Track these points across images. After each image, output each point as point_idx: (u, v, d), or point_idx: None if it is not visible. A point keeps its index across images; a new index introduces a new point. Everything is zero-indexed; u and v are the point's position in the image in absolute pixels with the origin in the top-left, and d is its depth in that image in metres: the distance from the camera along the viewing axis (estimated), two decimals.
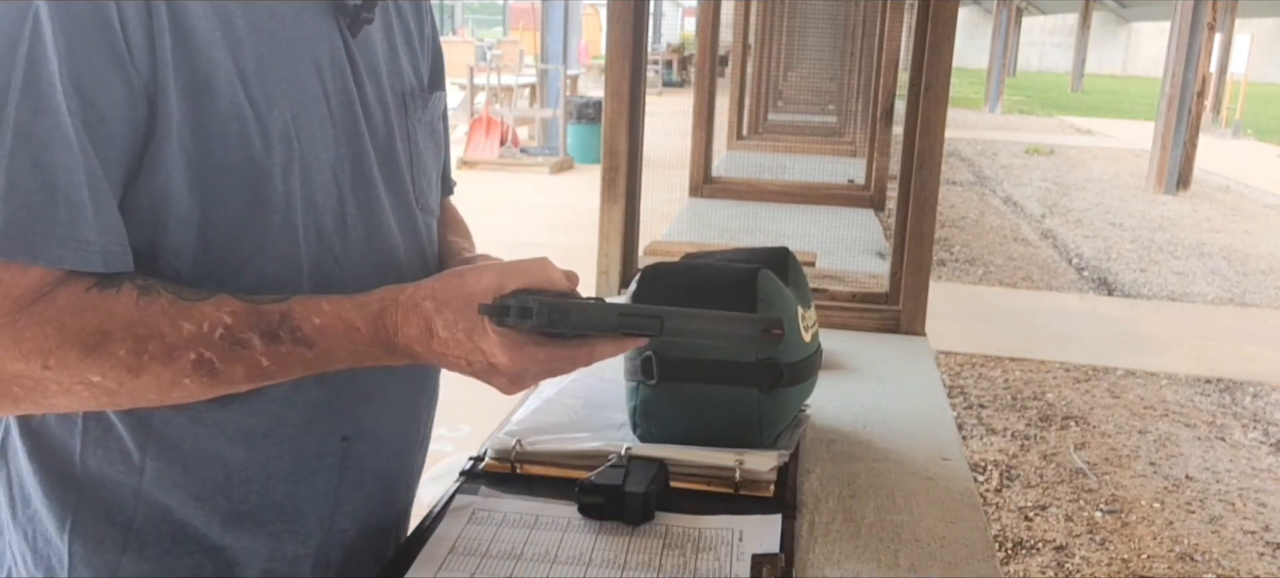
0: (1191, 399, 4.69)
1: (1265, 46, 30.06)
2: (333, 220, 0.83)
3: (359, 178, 0.85)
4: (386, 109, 0.88)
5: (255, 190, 0.77)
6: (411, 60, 0.95)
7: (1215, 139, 15.70)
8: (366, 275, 0.85)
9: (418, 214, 0.93)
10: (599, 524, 0.95)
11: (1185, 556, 3.26)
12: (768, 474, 1.03)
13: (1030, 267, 7.24)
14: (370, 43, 0.87)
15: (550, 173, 9.97)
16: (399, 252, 0.89)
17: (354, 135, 0.84)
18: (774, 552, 0.90)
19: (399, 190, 0.90)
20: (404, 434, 0.96)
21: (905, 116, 1.72)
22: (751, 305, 1.09)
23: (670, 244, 2.42)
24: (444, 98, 1.02)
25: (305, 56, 0.80)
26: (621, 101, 1.76)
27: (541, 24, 12.05)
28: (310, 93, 0.80)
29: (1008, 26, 22.73)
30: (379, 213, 0.87)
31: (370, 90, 0.86)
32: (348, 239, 0.84)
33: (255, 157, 0.76)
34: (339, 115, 0.83)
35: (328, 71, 0.82)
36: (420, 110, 0.94)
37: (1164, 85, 11.02)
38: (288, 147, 0.78)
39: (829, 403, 1.33)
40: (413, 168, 0.92)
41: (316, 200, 0.81)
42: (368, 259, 0.86)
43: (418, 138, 0.93)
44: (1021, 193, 10.59)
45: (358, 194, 0.85)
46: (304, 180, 0.80)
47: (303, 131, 0.79)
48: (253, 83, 0.76)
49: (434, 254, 0.99)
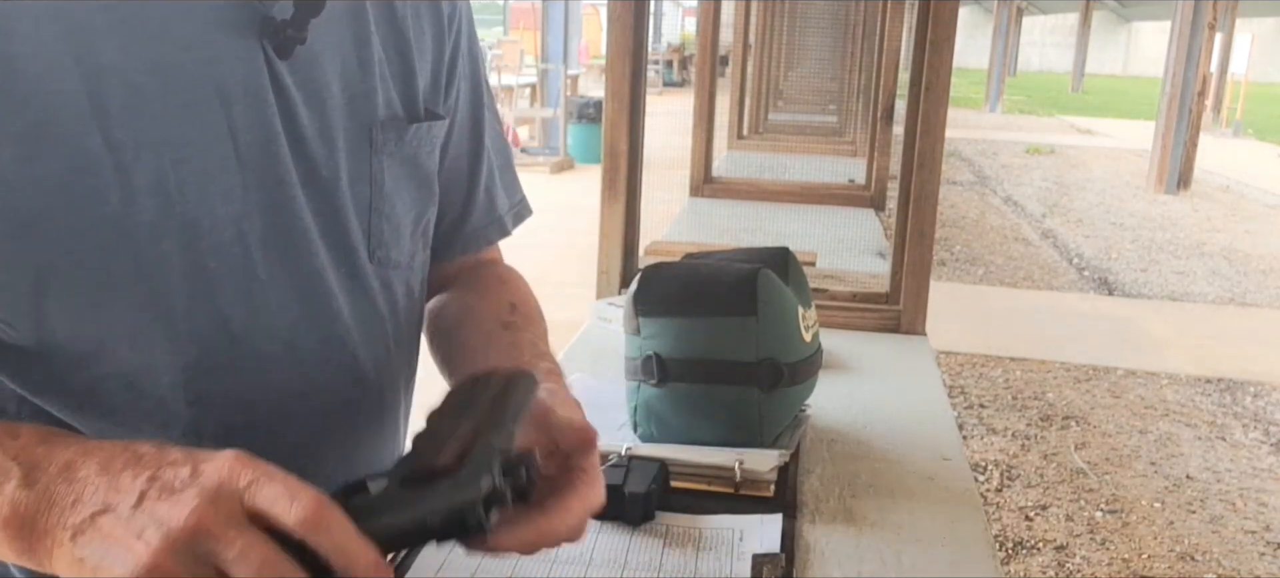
0: (1192, 399, 4.68)
1: (1265, 46, 30.03)
2: (234, 291, 0.67)
3: (278, 235, 0.69)
4: (332, 145, 0.72)
5: (108, 257, 0.62)
6: (401, 81, 0.79)
7: (1216, 139, 15.69)
8: (280, 354, 0.70)
9: (370, 271, 0.77)
10: (599, 524, 0.95)
11: (1186, 556, 3.25)
12: (768, 474, 1.03)
13: (1031, 267, 7.24)
14: (315, 64, 0.71)
15: (550, 173, 9.98)
16: (336, 322, 0.73)
17: (273, 182, 0.68)
18: (774, 552, 0.90)
19: (342, 244, 0.74)
20: None
21: (905, 116, 1.72)
22: (752, 305, 1.09)
23: (670, 244, 2.42)
24: (442, 125, 0.83)
25: (205, 85, 0.64)
26: (622, 101, 1.76)
27: (541, 24, 12.05)
28: (206, 131, 0.65)
29: (1008, 26, 22.73)
30: (307, 278, 0.71)
31: (308, 123, 0.70)
32: (255, 313, 0.68)
33: (110, 215, 0.61)
34: (250, 157, 0.67)
35: (239, 103, 0.66)
36: (393, 143, 0.77)
37: (1164, 85, 11.01)
38: (162, 201, 0.63)
39: (829, 403, 1.33)
40: (371, 214, 0.76)
41: (208, 267, 0.65)
42: (283, 333, 0.70)
43: (383, 178, 0.76)
44: (1022, 193, 10.59)
45: (275, 256, 0.69)
46: (187, 243, 0.64)
47: (188, 181, 0.64)
48: (116, 122, 0.61)
49: (406, 319, 0.82)
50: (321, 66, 0.71)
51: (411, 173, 0.80)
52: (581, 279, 0.82)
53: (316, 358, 0.72)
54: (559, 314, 4.89)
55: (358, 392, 0.77)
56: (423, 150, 0.81)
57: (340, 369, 0.75)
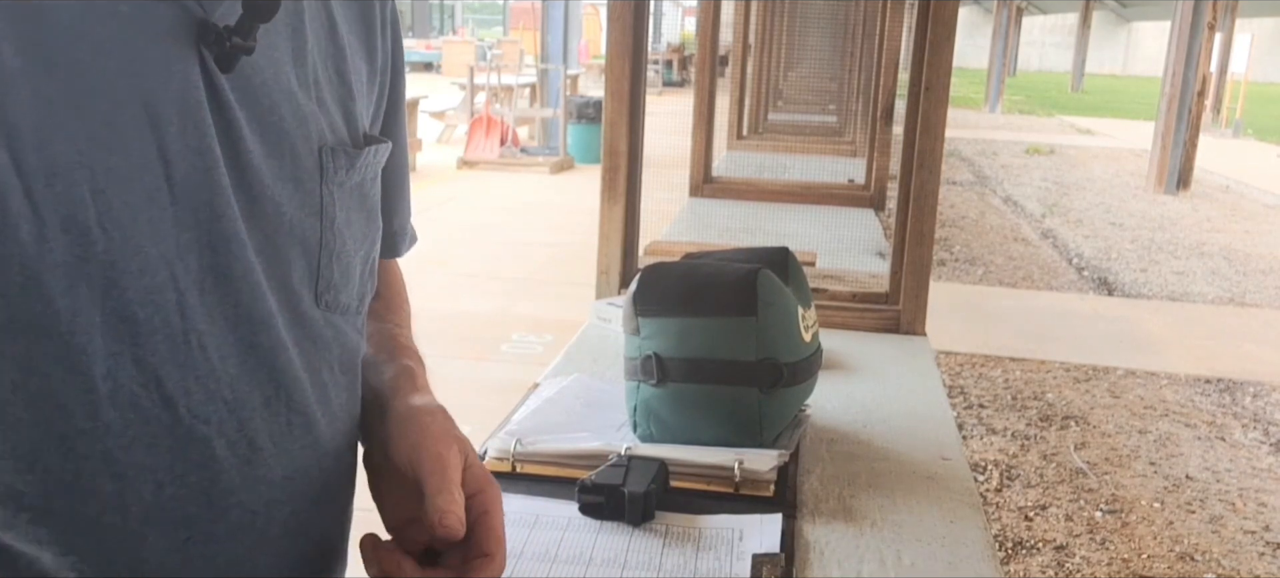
0: (1191, 399, 4.69)
1: (1265, 46, 30.04)
2: (166, 343, 0.57)
3: (217, 278, 0.59)
4: (280, 175, 0.62)
5: (12, 303, 0.51)
6: (340, 100, 0.69)
7: (1215, 139, 15.70)
8: (221, 417, 0.60)
9: (318, 318, 0.67)
10: (599, 524, 0.95)
11: (1185, 555, 3.26)
12: (768, 474, 1.03)
13: (1030, 267, 7.24)
14: (257, 81, 0.60)
15: (550, 173, 9.98)
16: (282, 375, 0.64)
17: (211, 216, 0.58)
18: (774, 551, 0.90)
19: (285, 286, 0.64)
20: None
21: (905, 116, 1.72)
22: (752, 305, 1.09)
23: (670, 244, 2.42)
24: (386, 149, 0.73)
25: (131, 103, 0.54)
26: (621, 101, 1.76)
27: (541, 24, 12.05)
28: (131, 156, 0.54)
29: (1008, 26, 22.73)
30: (249, 325, 0.61)
31: (253, 149, 0.60)
32: (190, 368, 0.58)
33: (16, 255, 0.50)
34: (184, 187, 0.56)
35: (171, 123, 0.55)
36: (343, 172, 0.67)
37: (1164, 85, 11.02)
38: (77, 239, 0.52)
39: (829, 403, 1.33)
40: (322, 254, 0.66)
41: (134, 316, 0.55)
42: (223, 390, 0.60)
43: (334, 211, 0.67)
44: (1021, 193, 10.59)
45: (213, 300, 0.59)
46: (108, 289, 0.54)
47: (111, 215, 0.53)
48: (27, 145, 0.50)
49: (352, 373, 0.73)
50: (267, 85, 0.61)
51: (360, 204, 0.70)
52: (581, 279, 0.82)
53: (263, 420, 0.63)
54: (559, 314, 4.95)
55: (311, 456, 0.68)
56: (368, 178, 0.71)
57: (291, 430, 0.65)
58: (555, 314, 5.14)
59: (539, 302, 5.50)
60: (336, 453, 0.71)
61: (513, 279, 5.96)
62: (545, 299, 5.54)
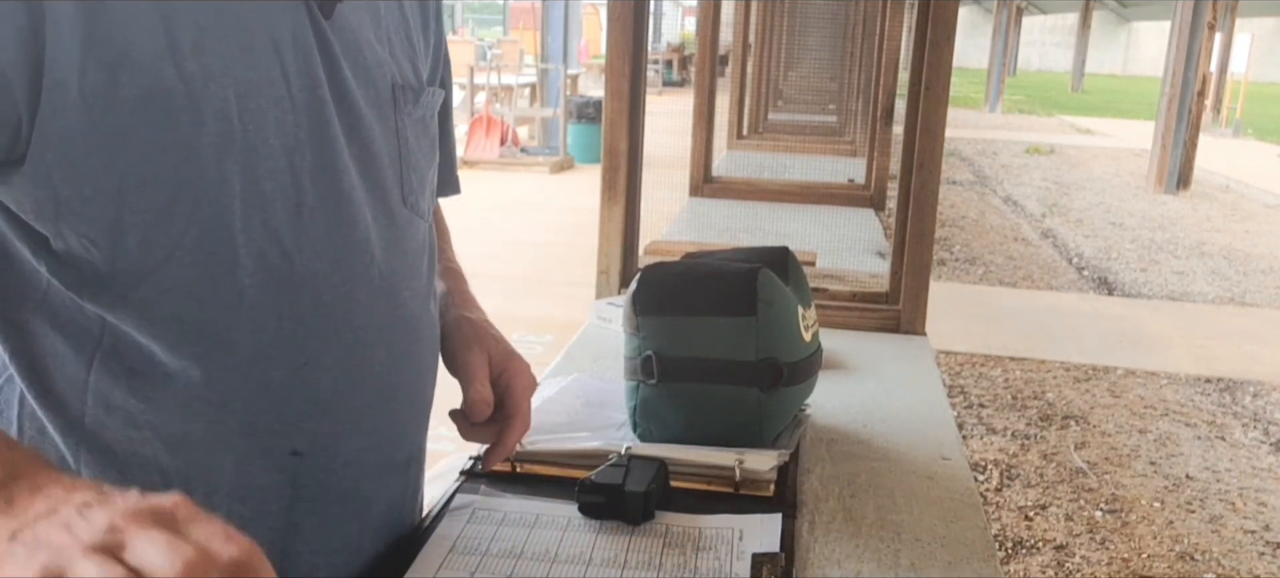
0: (1191, 399, 4.69)
1: (1265, 46, 30.05)
2: (285, 211, 0.76)
3: (323, 168, 0.78)
4: (369, 100, 0.82)
5: (180, 171, 0.70)
6: (407, 54, 0.89)
7: (1215, 139, 15.69)
8: (327, 272, 0.79)
9: (403, 214, 0.87)
10: (599, 523, 0.95)
11: (1185, 555, 3.26)
12: (768, 474, 1.03)
13: (1030, 266, 7.24)
14: (349, 27, 0.80)
15: (550, 173, 9.98)
16: (373, 251, 0.83)
17: (319, 122, 0.77)
18: (774, 551, 0.90)
19: (378, 186, 0.83)
20: (377, 453, 0.87)
21: (905, 116, 1.72)
22: (752, 305, 1.09)
23: (670, 244, 2.42)
24: (441, 94, 0.95)
25: (260, 32, 0.73)
26: (621, 101, 1.76)
27: (541, 24, 12.05)
28: (263, 71, 0.74)
29: (1008, 26, 22.73)
30: (348, 207, 0.80)
31: (349, 76, 0.80)
32: (303, 232, 0.77)
33: (182, 136, 0.70)
34: (300, 99, 0.76)
35: (289, 51, 0.75)
36: (411, 106, 0.87)
37: (1164, 85, 11.02)
38: (226, 126, 0.72)
39: (829, 403, 1.33)
40: (402, 165, 0.86)
41: (263, 188, 0.74)
42: (328, 254, 0.79)
43: (407, 135, 0.87)
44: (1021, 193, 10.59)
45: (321, 185, 0.78)
46: (246, 165, 0.73)
47: (248, 112, 0.73)
48: (187, 57, 0.70)
49: (428, 261, 0.93)
50: (352, 29, 0.81)
51: (424, 132, 0.90)
52: (581, 279, 0.82)
53: (359, 280, 0.81)
54: (559, 314, 4.94)
55: (397, 314, 0.86)
56: (430, 113, 0.92)
57: (378, 294, 0.83)
58: (555, 314, 5.14)
59: (539, 302, 5.50)
60: (415, 317, 0.89)
61: (513, 279, 5.96)
62: (545, 299, 5.54)
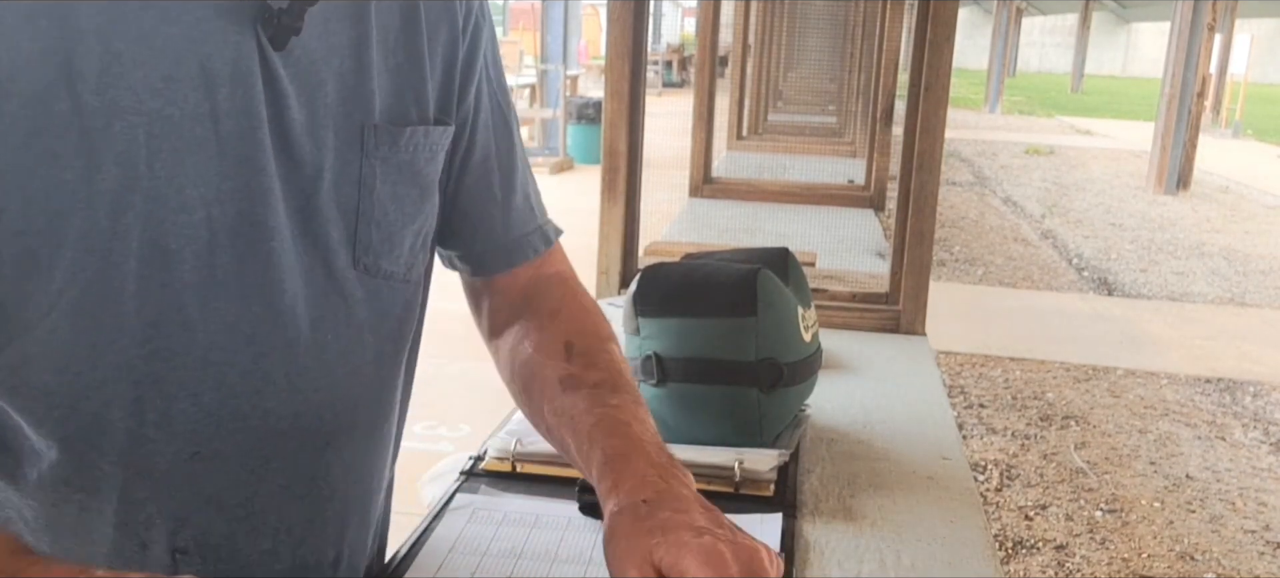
0: (1191, 399, 4.69)
1: (1265, 47, 30.06)
2: (193, 272, 0.65)
3: (247, 223, 0.67)
4: (320, 143, 0.70)
5: (65, 220, 0.61)
6: (411, 84, 0.76)
7: (1215, 139, 15.70)
8: (236, 347, 0.68)
9: (352, 278, 0.74)
10: (599, 524, 0.95)
11: (1185, 555, 3.26)
12: (768, 474, 1.03)
13: (1030, 267, 7.24)
14: (311, 61, 0.69)
15: (550, 173, 9.98)
16: (299, 323, 0.71)
17: (251, 169, 0.66)
18: (774, 551, 0.90)
19: (319, 245, 0.71)
20: (289, 556, 0.75)
21: (905, 117, 1.72)
22: (752, 305, 1.09)
23: (670, 244, 2.42)
24: (448, 132, 0.80)
25: (190, 63, 0.63)
26: (621, 102, 1.76)
27: (541, 24, 12.05)
28: (187, 108, 0.63)
29: (1008, 27, 22.73)
30: (272, 270, 0.69)
31: (296, 117, 0.68)
32: (212, 299, 0.67)
33: (70, 179, 0.60)
34: (231, 142, 0.65)
35: (226, 87, 0.64)
36: (387, 148, 0.74)
37: (1164, 86, 11.02)
38: (128, 171, 0.62)
39: (829, 403, 1.33)
40: (359, 219, 0.73)
41: (168, 245, 0.64)
42: (241, 326, 0.68)
43: (375, 182, 0.74)
44: (1021, 193, 10.59)
45: (241, 243, 0.67)
46: (149, 217, 0.63)
47: (160, 155, 0.63)
48: (89, 87, 0.60)
49: (398, 330, 0.80)
50: (317, 65, 0.69)
51: (410, 179, 0.76)
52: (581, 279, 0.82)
53: (276, 357, 0.70)
54: None
55: (323, 399, 0.74)
56: (421, 157, 0.77)
57: (300, 373, 0.72)
58: None
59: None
60: (351, 407, 0.76)
61: None
62: None
